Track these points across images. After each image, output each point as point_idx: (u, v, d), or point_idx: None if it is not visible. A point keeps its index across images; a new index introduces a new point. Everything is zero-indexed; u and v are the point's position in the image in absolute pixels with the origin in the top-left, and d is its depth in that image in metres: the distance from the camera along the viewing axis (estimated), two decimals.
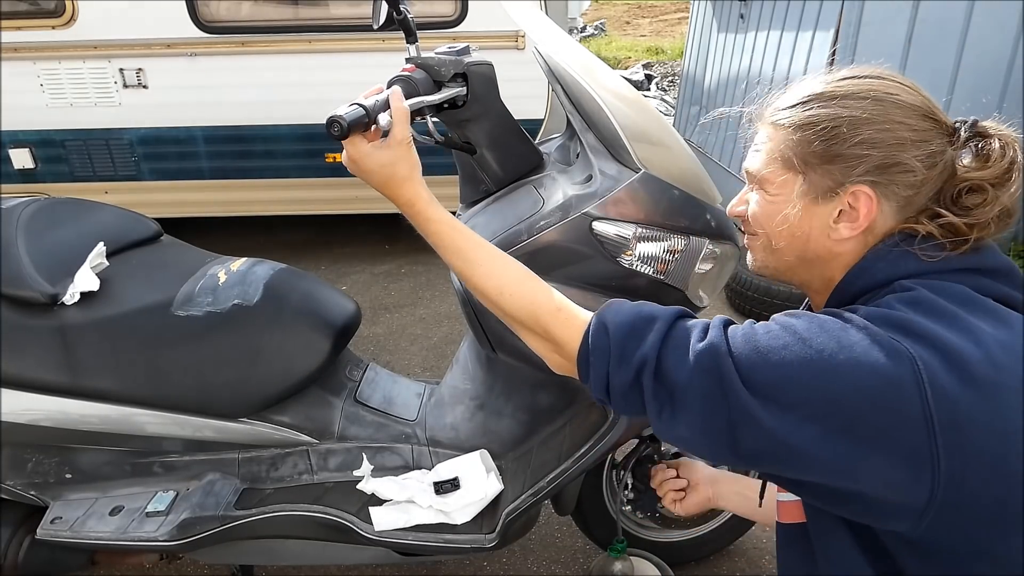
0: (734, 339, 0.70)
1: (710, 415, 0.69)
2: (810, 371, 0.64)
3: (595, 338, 0.79)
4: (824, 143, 0.72)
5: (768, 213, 0.79)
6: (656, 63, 9.14)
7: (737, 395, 0.66)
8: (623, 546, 1.53)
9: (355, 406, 1.46)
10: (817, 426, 0.63)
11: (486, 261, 0.91)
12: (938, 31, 2.90)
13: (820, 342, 0.65)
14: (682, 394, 0.71)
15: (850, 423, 0.63)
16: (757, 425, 0.65)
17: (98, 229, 1.44)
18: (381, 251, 3.81)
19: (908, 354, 0.62)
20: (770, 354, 0.66)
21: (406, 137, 0.90)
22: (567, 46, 1.21)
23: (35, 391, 1.26)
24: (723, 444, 0.69)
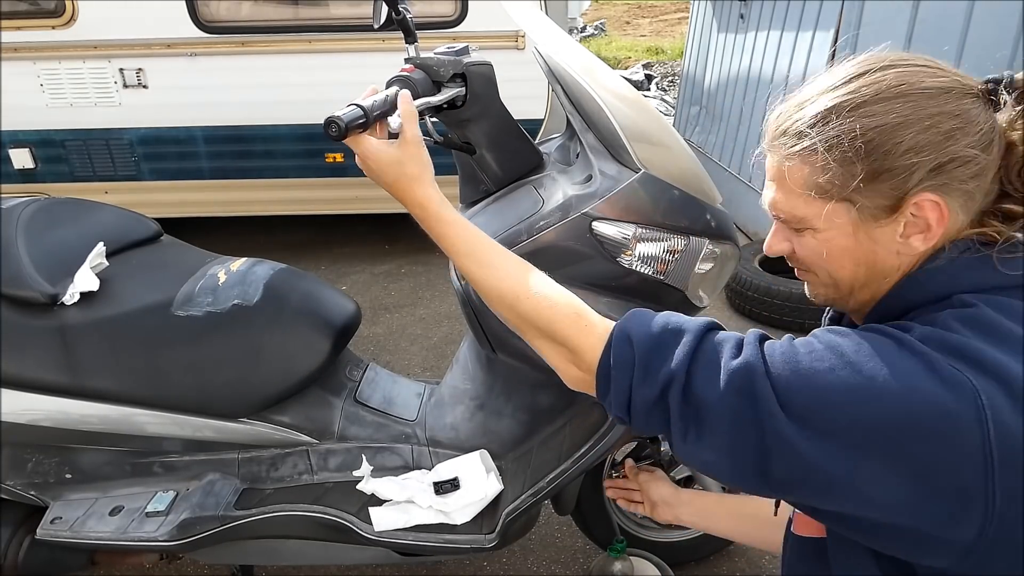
0: (771, 357, 0.63)
1: (741, 439, 0.63)
2: (858, 398, 0.58)
3: (617, 350, 0.72)
4: (864, 162, 0.64)
5: (824, 253, 0.70)
6: (656, 63, 9.14)
7: (774, 419, 0.60)
8: (623, 546, 1.53)
9: (355, 406, 1.46)
10: (861, 456, 0.58)
11: (501, 264, 0.86)
12: (938, 31, 2.90)
13: (871, 368, 0.59)
14: (711, 415, 0.65)
15: (900, 455, 0.57)
16: (793, 452, 0.60)
17: (98, 229, 1.44)
18: (381, 251, 3.81)
19: (971, 386, 0.56)
20: (814, 377, 0.60)
21: (416, 136, 0.88)
22: (567, 46, 1.21)
23: (35, 391, 1.26)
24: (752, 471, 0.63)
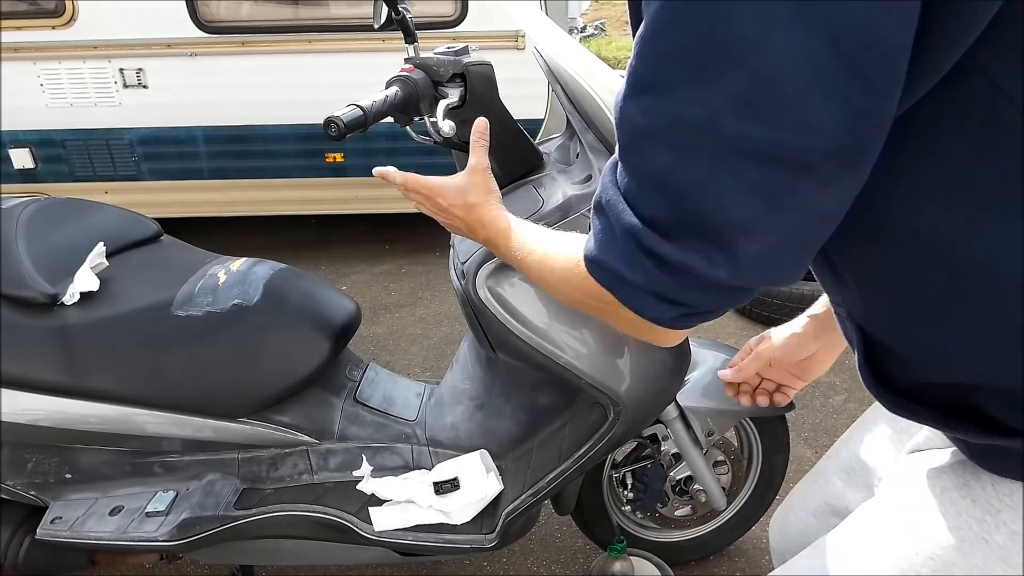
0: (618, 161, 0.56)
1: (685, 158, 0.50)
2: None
3: (601, 279, 0.64)
4: None
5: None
6: None
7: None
8: (623, 546, 1.54)
9: (355, 406, 1.46)
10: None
11: (557, 288, 0.78)
12: None
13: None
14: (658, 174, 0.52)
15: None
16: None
17: (98, 229, 1.44)
18: (381, 251, 3.81)
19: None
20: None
21: (482, 163, 0.88)
22: (567, 46, 1.21)
23: (35, 391, 1.26)
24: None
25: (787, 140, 0.45)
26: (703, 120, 0.46)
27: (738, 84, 0.44)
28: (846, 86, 0.43)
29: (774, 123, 0.44)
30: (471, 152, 0.89)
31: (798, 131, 0.44)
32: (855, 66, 0.42)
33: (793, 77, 0.42)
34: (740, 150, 0.46)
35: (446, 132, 0.89)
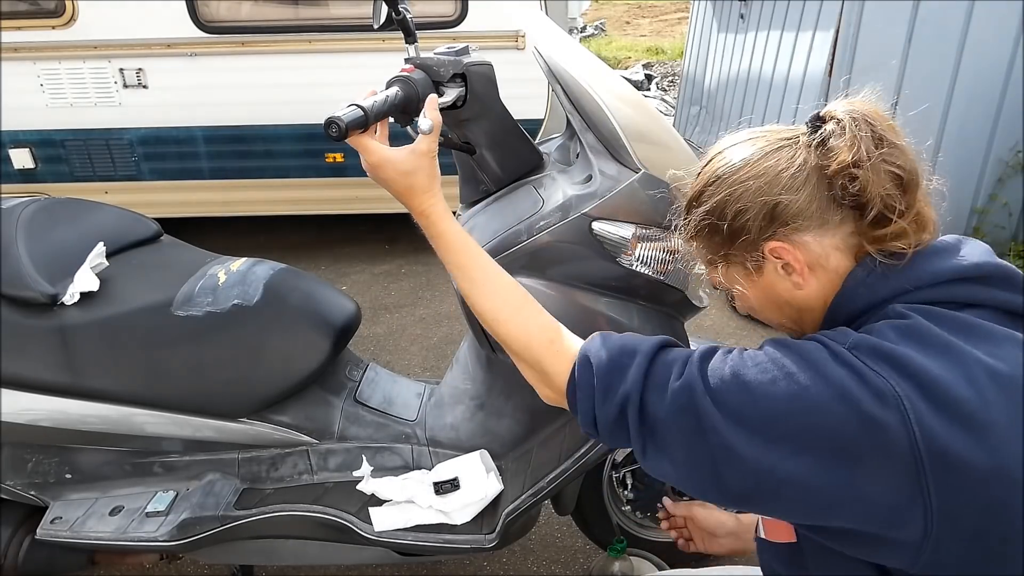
0: (719, 372, 0.68)
1: (693, 453, 0.68)
2: (795, 409, 0.63)
3: (580, 374, 0.78)
4: (714, 235, 0.76)
5: (745, 301, 0.81)
6: (656, 63, 9.14)
7: (716, 433, 0.65)
8: (623, 546, 1.53)
9: (355, 406, 1.46)
10: (803, 462, 0.62)
11: (487, 283, 0.90)
12: (938, 31, 2.90)
13: (806, 377, 0.63)
14: (663, 432, 0.70)
15: (838, 462, 0.61)
16: (740, 461, 0.64)
17: (98, 229, 1.44)
18: (381, 251, 3.81)
19: (894, 394, 0.60)
20: (757, 388, 0.65)
21: (434, 148, 0.90)
22: (567, 46, 1.21)
23: (35, 391, 1.26)
24: (709, 482, 0.68)
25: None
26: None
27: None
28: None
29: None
30: (424, 132, 0.90)
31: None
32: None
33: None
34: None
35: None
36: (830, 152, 0.70)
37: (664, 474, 0.72)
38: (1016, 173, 3.07)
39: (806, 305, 0.76)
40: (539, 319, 0.87)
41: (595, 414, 0.76)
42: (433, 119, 0.90)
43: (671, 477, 0.72)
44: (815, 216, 0.71)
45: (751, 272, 0.76)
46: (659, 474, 0.73)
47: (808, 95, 3.26)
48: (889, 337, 0.65)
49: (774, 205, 0.71)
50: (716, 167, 0.76)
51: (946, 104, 3.00)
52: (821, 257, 0.72)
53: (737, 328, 2.91)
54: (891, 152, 0.69)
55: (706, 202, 0.76)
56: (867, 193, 0.68)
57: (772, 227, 0.72)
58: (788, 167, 0.71)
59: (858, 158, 0.68)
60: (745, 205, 0.72)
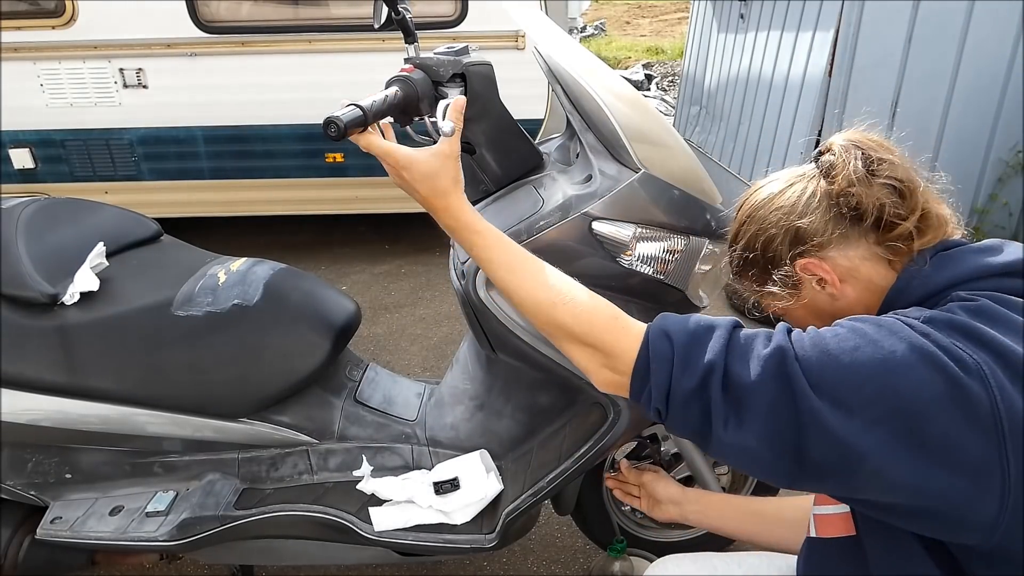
0: (800, 343, 0.70)
1: (779, 422, 0.67)
2: (880, 371, 0.64)
3: (656, 345, 0.77)
4: (753, 266, 0.86)
5: (799, 323, 0.84)
6: (656, 63, 9.14)
7: (806, 398, 0.65)
8: (623, 546, 1.54)
9: (355, 406, 1.46)
10: (885, 429, 0.63)
11: (534, 273, 0.88)
12: (938, 31, 2.90)
13: (890, 344, 0.65)
14: (751, 400, 0.69)
15: (919, 425, 0.62)
16: (825, 429, 0.64)
17: (98, 229, 1.44)
18: (381, 251, 3.81)
19: (974, 362, 0.62)
20: (840, 355, 0.66)
21: (456, 151, 0.90)
22: (567, 46, 1.21)
23: (35, 391, 1.26)
24: (790, 455, 0.67)
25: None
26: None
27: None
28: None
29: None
30: (449, 135, 0.90)
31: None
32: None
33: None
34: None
35: (447, 132, 0.89)
36: (832, 178, 0.79)
37: (743, 447, 0.70)
38: (1016, 173, 3.07)
39: (850, 313, 0.79)
40: (596, 299, 0.86)
41: (671, 387, 0.74)
42: (456, 121, 0.90)
43: (750, 450, 0.70)
44: (833, 233, 0.79)
45: (794, 293, 0.84)
46: (736, 449, 0.71)
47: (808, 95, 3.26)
48: (959, 313, 0.68)
49: (795, 230, 0.80)
50: (746, 208, 0.87)
51: (946, 104, 3.00)
52: (851, 269, 0.79)
53: None
54: (882, 167, 0.77)
55: (741, 239, 0.86)
56: (863, 206, 0.76)
57: (798, 248, 0.80)
58: (802, 196, 0.81)
59: (851, 179, 0.77)
60: (771, 234, 0.82)
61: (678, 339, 0.75)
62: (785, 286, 0.83)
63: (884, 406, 0.63)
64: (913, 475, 0.62)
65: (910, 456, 0.62)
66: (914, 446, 0.62)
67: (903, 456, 0.62)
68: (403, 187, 0.91)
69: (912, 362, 0.63)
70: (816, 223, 0.79)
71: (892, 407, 0.63)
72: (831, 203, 0.78)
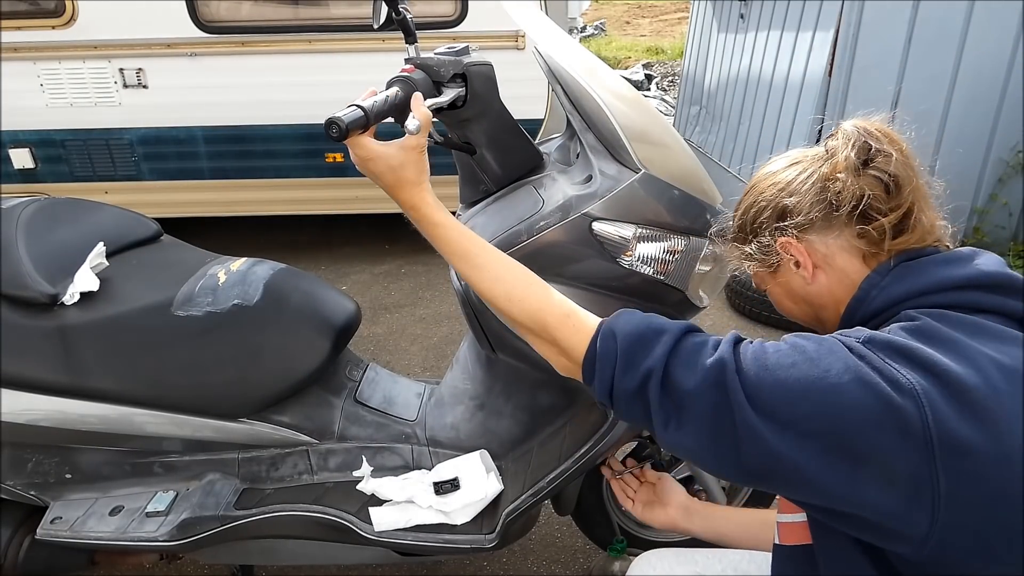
0: (744, 356, 0.72)
1: (716, 428, 0.70)
2: (813, 389, 0.66)
3: (603, 344, 0.81)
4: (742, 233, 0.88)
5: (774, 298, 0.91)
6: (656, 63, 9.14)
7: (743, 411, 0.68)
8: (623, 546, 1.54)
9: (355, 406, 1.46)
10: (817, 444, 0.64)
11: (492, 266, 0.92)
12: (938, 31, 2.90)
13: (826, 363, 0.67)
14: (690, 405, 0.72)
15: (851, 443, 0.64)
16: (760, 441, 0.67)
17: (98, 229, 1.43)
18: (381, 251, 3.81)
19: (908, 382, 0.63)
20: (777, 371, 0.68)
21: (422, 143, 0.92)
22: (567, 46, 1.21)
23: (35, 391, 1.26)
24: (728, 459, 0.70)
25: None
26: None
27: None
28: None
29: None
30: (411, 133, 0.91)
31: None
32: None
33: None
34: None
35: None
36: (831, 163, 0.79)
37: (685, 447, 0.74)
38: (1016, 173, 3.07)
39: (819, 301, 0.83)
40: (551, 295, 0.89)
41: (613, 384, 0.79)
42: (420, 117, 0.91)
43: (691, 450, 0.74)
44: (817, 217, 0.79)
45: (773, 269, 0.85)
46: (679, 447, 0.75)
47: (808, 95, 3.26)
48: (900, 335, 0.69)
49: (783, 206, 0.81)
50: (754, 177, 0.89)
51: (946, 104, 3.00)
52: (827, 256, 0.80)
53: (737, 328, 2.91)
54: (878, 159, 0.76)
55: (740, 206, 0.88)
56: (844, 194, 0.77)
57: (781, 225, 0.81)
58: (799, 175, 0.81)
59: (841, 165, 0.77)
60: (761, 207, 0.84)
61: (623, 340, 0.79)
62: (764, 260, 0.85)
63: (816, 422, 0.65)
64: (845, 487, 0.64)
65: (842, 469, 0.64)
66: (846, 461, 0.64)
67: (835, 469, 0.64)
68: (371, 178, 0.93)
69: (845, 382, 0.65)
70: (802, 203, 0.80)
71: (824, 423, 0.65)
72: (823, 186, 0.79)
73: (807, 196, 0.79)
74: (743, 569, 1.05)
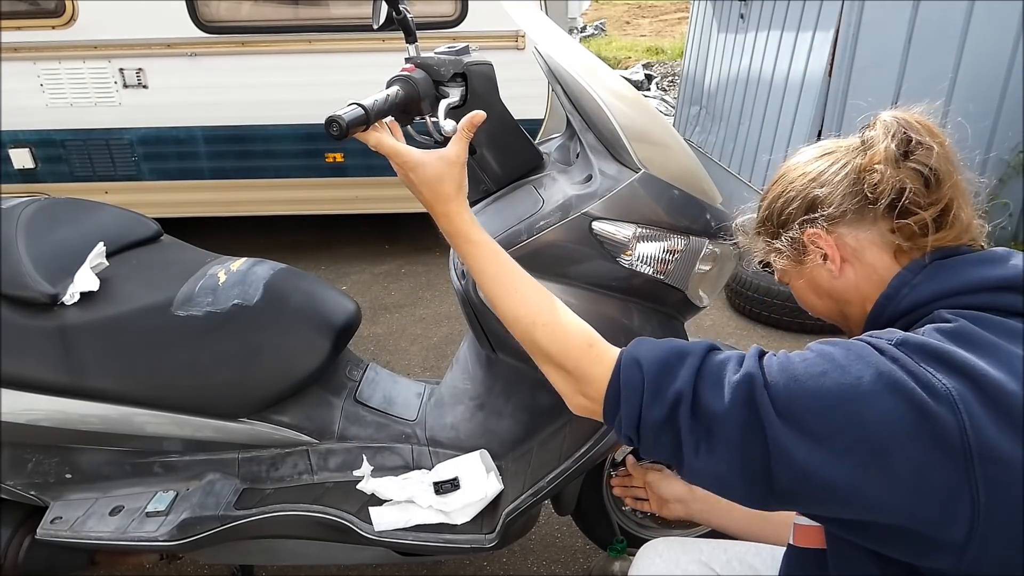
0: (770, 368, 0.69)
1: (747, 449, 0.67)
2: (846, 399, 0.63)
3: (627, 373, 0.77)
4: (768, 223, 0.85)
5: (798, 292, 0.88)
6: (656, 63, 9.14)
7: (773, 427, 0.65)
8: (623, 546, 1.54)
9: (355, 406, 1.46)
10: (853, 458, 0.62)
11: (522, 290, 0.89)
12: (938, 31, 2.90)
13: (857, 370, 0.64)
14: (720, 428, 0.69)
15: (888, 456, 0.61)
16: (791, 458, 0.64)
17: (98, 229, 1.43)
18: (381, 251, 3.81)
19: (944, 388, 0.61)
20: (808, 381, 0.65)
21: (463, 157, 0.90)
22: (567, 46, 1.21)
23: (35, 391, 1.26)
24: (759, 480, 0.67)
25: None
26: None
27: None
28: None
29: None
30: (454, 141, 0.90)
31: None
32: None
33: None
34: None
35: (448, 131, 0.89)
36: (868, 154, 0.76)
37: (715, 474, 0.70)
38: (1017, 173, 3.07)
39: (845, 297, 0.81)
40: (575, 324, 0.86)
41: (641, 416, 0.75)
42: (465, 130, 0.91)
43: (722, 476, 0.70)
44: (849, 210, 0.77)
45: (800, 263, 0.83)
46: (709, 475, 0.72)
47: (808, 95, 3.26)
48: (935, 338, 0.66)
49: (813, 198, 0.79)
50: (783, 167, 0.86)
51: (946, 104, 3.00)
52: (856, 250, 0.78)
53: (737, 328, 2.91)
54: (918, 151, 0.73)
55: (768, 196, 0.86)
56: (883, 186, 0.73)
57: (810, 217, 0.79)
58: (832, 166, 0.79)
59: (881, 156, 0.74)
60: (790, 196, 0.81)
61: (649, 368, 0.75)
62: (791, 251, 0.82)
63: (851, 434, 0.62)
64: (881, 501, 0.62)
65: (878, 483, 0.62)
66: (881, 473, 0.61)
67: (871, 484, 0.62)
68: (409, 187, 0.92)
69: (879, 390, 0.62)
70: (834, 195, 0.77)
71: (859, 435, 0.62)
72: (857, 178, 0.76)
73: (839, 187, 0.77)
74: (748, 562, 1.04)
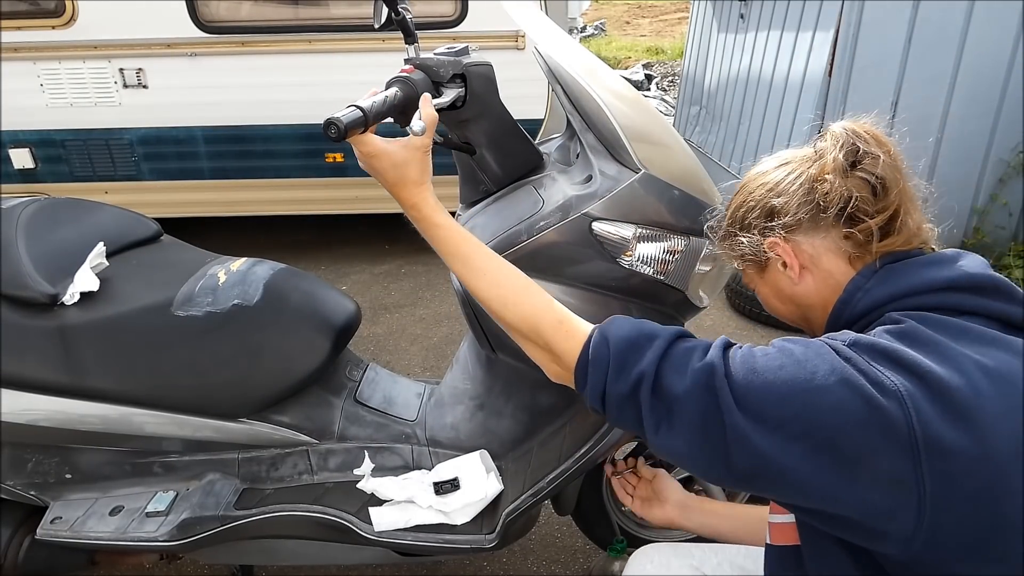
0: (733, 360, 0.72)
1: (706, 431, 0.71)
2: (800, 391, 0.66)
3: (595, 349, 0.82)
4: (732, 233, 0.88)
5: (764, 298, 0.92)
6: (656, 63, 9.14)
7: (731, 414, 0.69)
8: (623, 546, 1.54)
9: (355, 406, 1.46)
10: (804, 446, 0.65)
11: (491, 270, 0.93)
12: (938, 31, 2.90)
13: (813, 365, 0.68)
14: (680, 409, 0.73)
15: (837, 444, 0.64)
16: (748, 444, 0.68)
17: (98, 229, 1.44)
18: (381, 251, 3.81)
19: (892, 384, 0.64)
20: (765, 373, 0.69)
21: (427, 143, 0.92)
22: (567, 46, 1.21)
23: (35, 391, 1.26)
24: (718, 462, 0.71)
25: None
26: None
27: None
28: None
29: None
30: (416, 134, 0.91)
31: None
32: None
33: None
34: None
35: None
36: (819, 164, 0.80)
37: (675, 451, 0.75)
38: (1017, 173, 3.07)
39: (806, 302, 0.84)
40: (545, 301, 0.90)
41: (605, 389, 0.80)
42: (427, 117, 0.92)
43: (682, 454, 0.75)
44: (804, 219, 0.80)
45: (762, 269, 0.87)
46: (669, 451, 0.76)
47: (808, 95, 3.26)
48: (885, 338, 0.70)
49: (771, 207, 0.82)
50: (746, 176, 0.89)
51: (946, 104, 3.00)
52: (813, 257, 0.81)
53: (736, 328, 2.91)
54: (865, 161, 0.77)
55: (731, 205, 0.89)
56: (831, 195, 0.77)
57: (769, 225, 0.82)
58: (788, 175, 0.82)
59: (830, 167, 0.78)
60: (750, 206, 0.84)
61: (616, 345, 0.80)
62: (753, 259, 0.86)
63: (804, 424, 0.66)
64: (831, 488, 0.65)
65: (828, 471, 0.65)
66: (832, 462, 0.64)
67: (821, 470, 0.65)
68: (373, 174, 0.93)
69: (832, 383, 0.65)
70: (790, 204, 0.80)
71: (811, 425, 0.65)
72: (810, 188, 0.80)
73: (795, 197, 0.80)
74: (739, 564, 1.05)
